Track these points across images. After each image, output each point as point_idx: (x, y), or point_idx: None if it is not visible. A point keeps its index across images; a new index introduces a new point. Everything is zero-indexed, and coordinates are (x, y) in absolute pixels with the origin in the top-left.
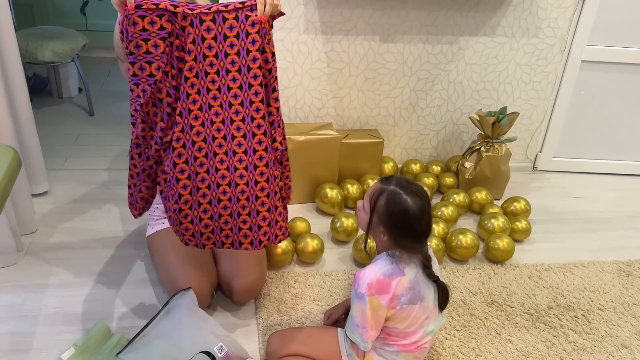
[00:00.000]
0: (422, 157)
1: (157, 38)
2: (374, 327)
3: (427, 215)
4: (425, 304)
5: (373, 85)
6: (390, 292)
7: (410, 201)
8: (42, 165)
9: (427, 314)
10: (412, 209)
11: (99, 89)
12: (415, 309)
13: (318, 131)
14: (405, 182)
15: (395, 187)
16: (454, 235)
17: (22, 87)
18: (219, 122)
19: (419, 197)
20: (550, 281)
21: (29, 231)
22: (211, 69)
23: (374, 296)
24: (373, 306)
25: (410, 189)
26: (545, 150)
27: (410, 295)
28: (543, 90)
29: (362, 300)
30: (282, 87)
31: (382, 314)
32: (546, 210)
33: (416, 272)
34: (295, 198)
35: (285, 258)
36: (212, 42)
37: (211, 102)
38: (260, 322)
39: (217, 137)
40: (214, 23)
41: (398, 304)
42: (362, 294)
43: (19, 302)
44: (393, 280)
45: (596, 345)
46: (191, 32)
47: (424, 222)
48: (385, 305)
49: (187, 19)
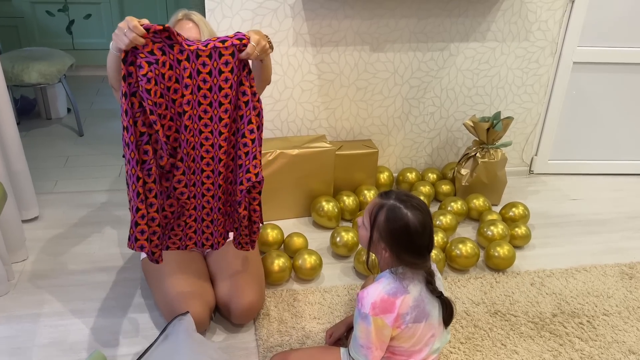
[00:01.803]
0: (418, 165)
1: (144, 60)
2: (378, 347)
3: (428, 229)
4: (431, 321)
5: (365, 95)
6: (394, 311)
7: (410, 215)
8: (32, 189)
9: (433, 332)
10: (413, 223)
11: (88, 108)
12: (421, 327)
13: (311, 144)
14: (404, 195)
15: (395, 202)
16: (454, 244)
17: (8, 111)
18: (207, 146)
19: (420, 211)
20: (553, 287)
21: (20, 259)
22: (204, 101)
23: (379, 316)
24: (377, 326)
25: (410, 203)
26: (541, 154)
27: (416, 313)
28: (536, 94)
29: (366, 320)
30: (273, 100)
31: (387, 334)
32: (545, 215)
33: (420, 290)
34: (291, 212)
35: (283, 275)
36: (207, 77)
37: (202, 129)
38: (261, 344)
39: (205, 156)
40: (210, 59)
41: (403, 323)
42: (366, 314)
43: (12, 333)
44: (397, 299)
45: (603, 352)
46: (187, 66)
47: (426, 236)
48: (390, 324)
49: (184, 54)
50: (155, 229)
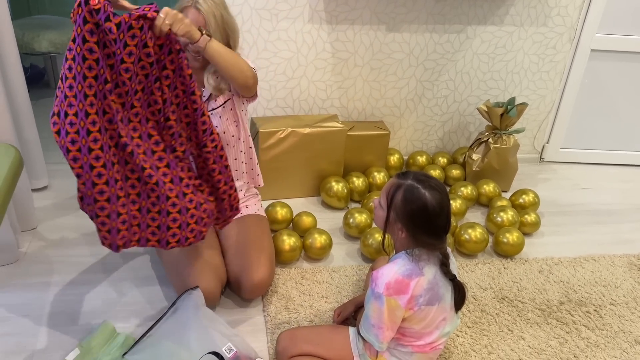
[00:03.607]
0: (428, 148)
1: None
2: (389, 328)
3: (446, 210)
4: (443, 305)
5: (379, 76)
6: (408, 292)
7: (428, 195)
8: (42, 159)
9: (445, 315)
10: (431, 204)
11: None
12: (433, 310)
13: (323, 123)
14: (422, 176)
15: (413, 182)
16: (463, 229)
17: (20, 79)
18: (136, 122)
19: (438, 191)
20: (561, 275)
21: (29, 227)
22: (126, 74)
23: (392, 296)
24: (390, 307)
25: (429, 183)
26: (553, 141)
27: (429, 296)
28: (551, 80)
29: (379, 300)
30: (285, 78)
31: (399, 315)
32: (554, 203)
33: (435, 272)
34: (300, 192)
35: (293, 255)
36: (133, 49)
37: (135, 103)
38: (269, 320)
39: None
40: (140, 30)
41: (416, 305)
42: (380, 294)
43: (22, 301)
44: (412, 281)
45: (610, 341)
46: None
47: (443, 216)
48: (403, 306)
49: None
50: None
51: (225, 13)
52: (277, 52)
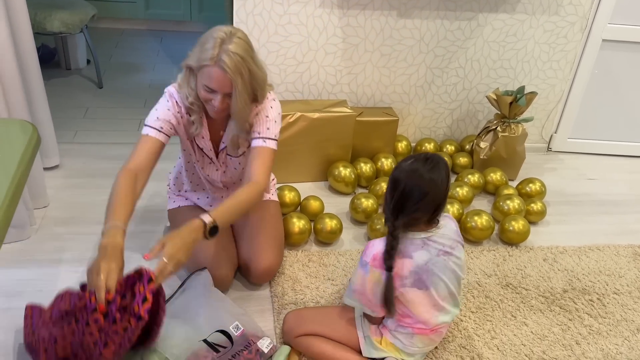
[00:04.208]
0: (436, 136)
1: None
2: (371, 299)
3: (437, 194)
4: (431, 293)
5: (389, 62)
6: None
7: (426, 174)
8: (54, 138)
9: (434, 303)
10: (424, 183)
11: (107, 61)
12: (420, 294)
13: (332, 108)
14: (424, 159)
15: (414, 164)
16: (469, 216)
17: (34, 58)
18: None
19: (431, 176)
20: (565, 264)
21: (41, 205)
22: None
23: (377, 268)
24: (374, 277)
25: (430, 165)
26: (561, 131)
27: (415, 279)
28: (561, 70)
29: (364, 268)
30: (295, 62)
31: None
32: (560, 192)
33: (427, 261)
34: (308, 176)
35: (302, 237)
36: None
37: None
38: (276, 301)
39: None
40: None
41: (401, 285)
42: (367, 262)
43: (35, 276)
44: (398, 260)
45: (612, 329)
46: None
47: (431, 197)
48: (384, 280)
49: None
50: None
51: (253, 65)
52: (287, 36)
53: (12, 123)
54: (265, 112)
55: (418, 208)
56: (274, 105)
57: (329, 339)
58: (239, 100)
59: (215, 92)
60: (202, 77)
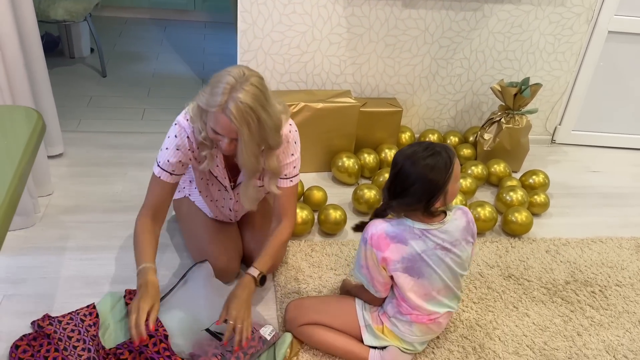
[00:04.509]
0: (440, 127)
1: None
2: (374, 277)
3: (429, 182)
4: (423, 282)
5: (393, 52)
6: (384, 252)
7: (425, 161)
8: (58, 126)
9: (425, 293)
10: (420, 170)
11: (111, 50)
12: (410, 281)
13: (336, 98)
14: (421, 150)
15: (417, 151)
16: (473, 207)
17: (38, 46)
18: None
19: (428, 163)
20: (568, 256)
21: (45, 193)
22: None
23: (373, 247)
24: (371, 255)
25: (430, 155)
26: (565, 123)
27: (407, 266)
28: (566, 62)
29: (365, 245)
30: (300, 52)
31: (378, 267)
32: (564, 185)
33: (424, 250)
34: (311, 166)
35: (305, 228)
36: None
37: None
38: (278, 290)
39: None
40: None
41: (392, 268)
42: (366, 239)
43: (39, 264)
44: (392, 244)
45: (613, 321)
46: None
47: (426, 186)
48: (379, 260)
49: None
50: None
51: (263, 114)
52: (292, 26)
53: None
54: (290, 150)
55: (409, 193)
56: (296, 139)
57: (330, 328)
58: (245, 150)
59: (223, 135)
60: (210, 120)
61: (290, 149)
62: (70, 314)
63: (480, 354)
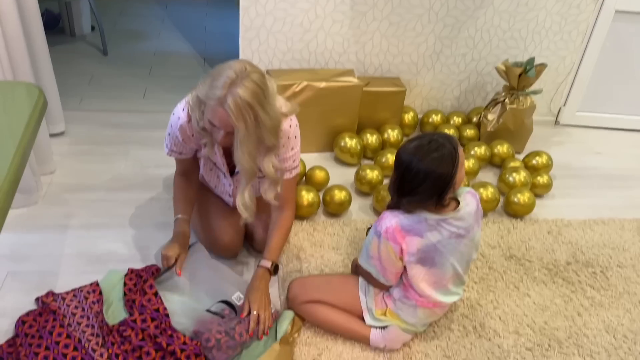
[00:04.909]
0: (444, 107)
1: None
2: (387, 266)
3: (439, 177)
4: (436, 272)
5: (397, 31)
6: (401, 244)
7: (429, 160)
8: (59, 104)
9: (436, 281)
10: (436, 172)
11: (112, 28)
12: (423, 271)
13: (339, 78)
14: (425, 144)
15: (410, 162)
16: (475, 188)
17: (38, 23)
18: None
19: (434, 159)
20: (570, 237)
21: (48, 171)
22: None
23: (389, 241)
24: (387, 248)
25: (433, 149)
26: (570, 104)
27: (421, 257)
28: (572, 41)
29: (379, 238)
30: (302, 30)
31: (395, 259)
32: (567, 166)
33: (439, 241)
34: (313, 146)
35: (311, 210)
36: None
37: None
38: (280, 269)
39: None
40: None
41: (407, 260)
42: (380, 233)
43: (41, 241)
44: (407, 237)
45: (614, 301)
46: None
47: (434, 181)
48: (396, 252)
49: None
50: None
51: (262, 112)
52: (294, 3)
53: (18, 86)
54: (290, 144)
55: (419, 190)
56: (296, 133)
57: (332, 306)
58: (241, 147)
59: (219, 127)
60: (207, 112)
61: (291, 143)
62: (73, 291)
63: (480, 332)
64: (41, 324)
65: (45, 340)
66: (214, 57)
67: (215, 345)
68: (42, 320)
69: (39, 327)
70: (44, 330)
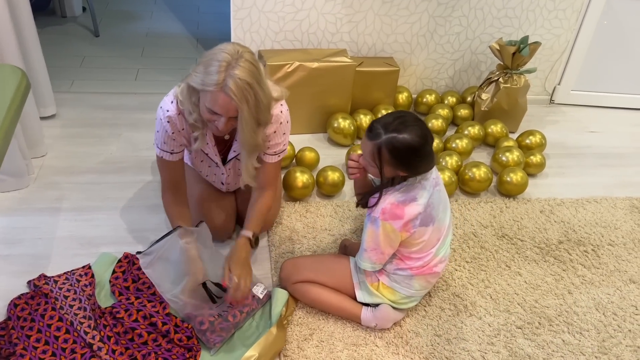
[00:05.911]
0: (438, 87)
1: None
2: (385, 250)
3: (430, 136)
4: (438, 225)
5: (390, 10)
6: (403, 217)
7: (409, 136)
8: (49, 87)
9: (439, 236)
10: (416, 141)
11: (104, 9)
12: (429, 230)
13: (332, 58)
14: (391, 123)
15: (388, 135)
16: (468, 168)
17: (26, 5)
18: None
19: (413, 126)
20: (562, 216)
21: (39, 154)
22: None
23: (388, 221)
24: (386, 230)
25: (402, 125)
26: (564, 83)
27: (422, 217)
28: (567, 19)
29: (375, 224)
30: (294, 9)
31: (394, 238)
32: (561, 145)
33: (429, 196)
34: (306, 128)
35: (305, 192)
36: None
37: None
38: (273, 250)
39: None
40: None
41: (412, 227)
42: (376, 218)
43: (34, 225)
44: (406, 206)
45: (604, 279)
46: None
47: (430, 142)
48: (398, 229)
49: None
50: None
51: (259, 90)
52: None
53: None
54: (282, 129)
55: (409, 170)
56: (288, 118)
57: (324, 285)
58: (245, 128)
59: (220, 115)
60: (206, 100)
61: (283, 128)
62: (65, 274)
63: (471, 311)
64: (33, 307)
65: (37, 323)
66: (208, 38)
67: (209, 327)
68: (34, 303)
69: (31, 310)
70: (36, 313)
